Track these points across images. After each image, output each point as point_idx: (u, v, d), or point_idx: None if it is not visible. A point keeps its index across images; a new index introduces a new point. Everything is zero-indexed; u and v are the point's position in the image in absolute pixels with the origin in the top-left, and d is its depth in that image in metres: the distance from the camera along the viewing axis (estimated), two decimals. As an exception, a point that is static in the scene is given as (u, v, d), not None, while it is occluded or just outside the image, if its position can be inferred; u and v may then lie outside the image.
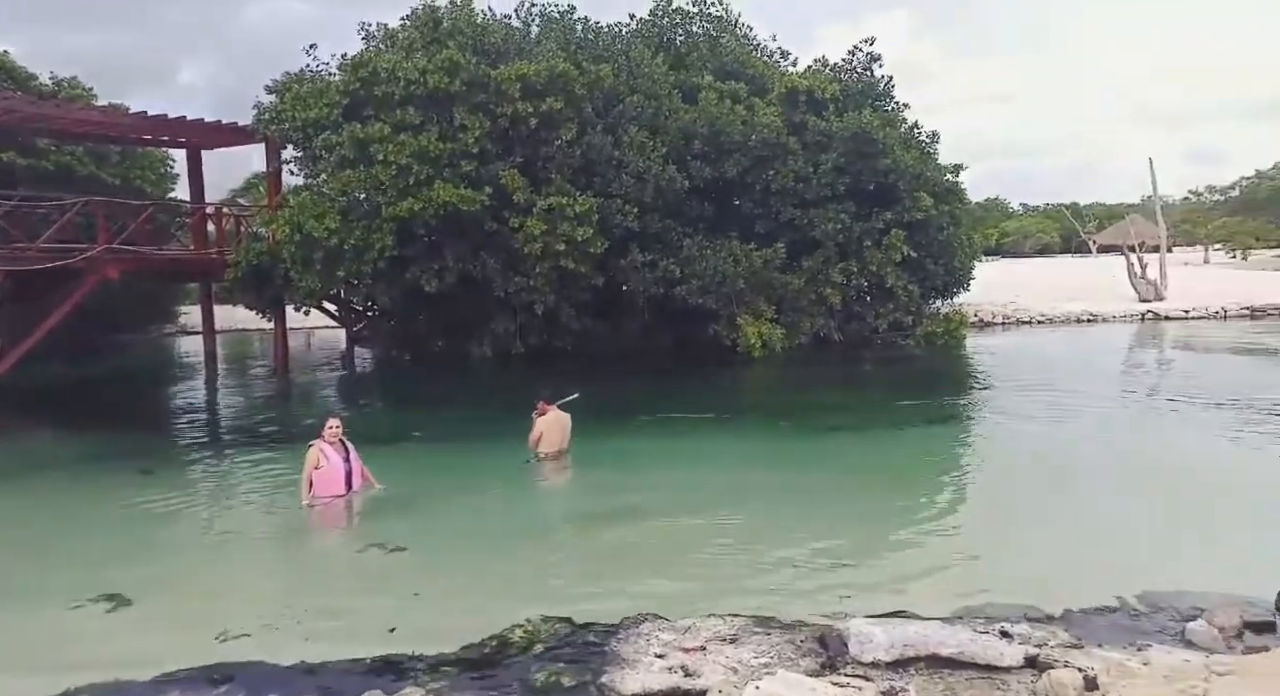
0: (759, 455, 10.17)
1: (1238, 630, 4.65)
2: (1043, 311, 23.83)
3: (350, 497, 7.45)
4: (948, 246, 18.08)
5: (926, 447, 10.47)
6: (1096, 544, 6.65)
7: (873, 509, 7.87)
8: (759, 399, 15.00)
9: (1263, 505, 7.52)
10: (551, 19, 17.80)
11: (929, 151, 17.90)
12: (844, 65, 17.55)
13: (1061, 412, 11.72)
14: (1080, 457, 9.42)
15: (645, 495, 8.19)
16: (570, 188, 14.87)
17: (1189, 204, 64.02)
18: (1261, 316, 22.82)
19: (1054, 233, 74.73)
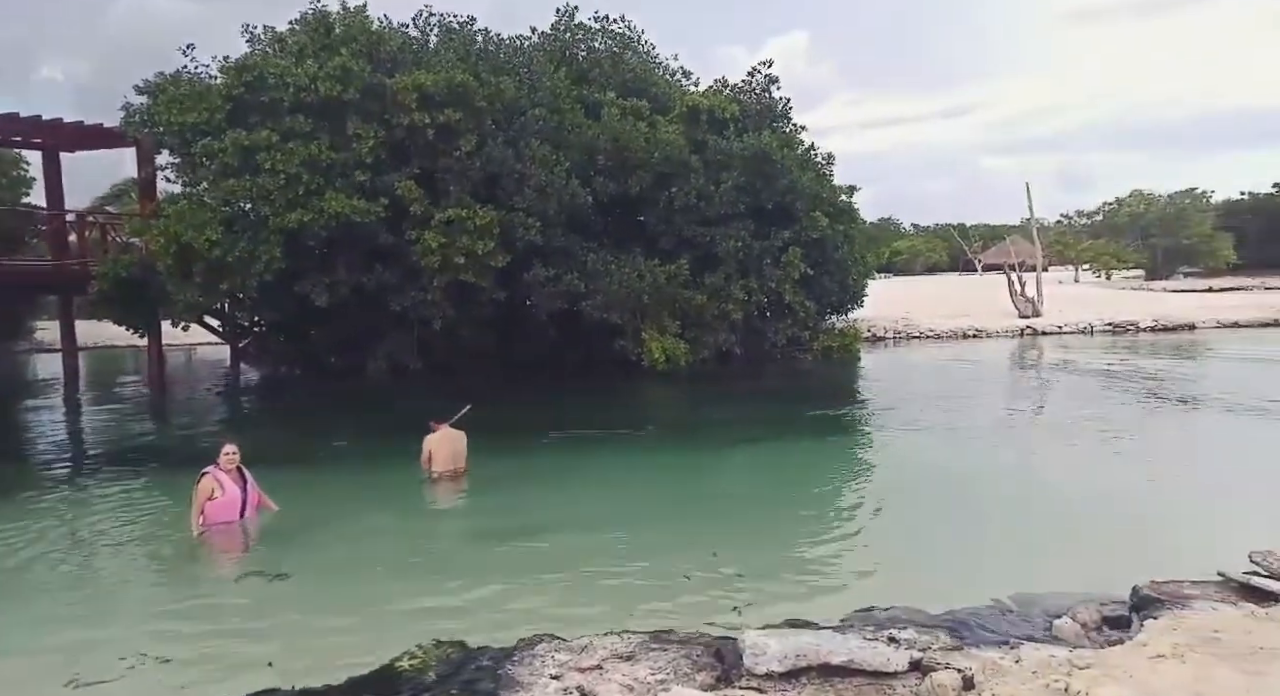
0: (661, 470, 10.21)
1: (1098, 625, 4.94)
2: (931, 327, 25.00)
3: (243, 524, 7.05)
4: (842, 264, 18.73)
5: (821, 460, 10.76)
6: (977, 549, 6.97)
7: (770, 521, 8.02)
8: (663, 414, 15.10)
9: (1119, 510, 8.06)
10: (451, 29, 17.52)
11: (824, 173, 18.54)
12: (743, 86, 18.01)
13: (946, 425, 12.29)
14: (963, 468, 9.86)
15: (544, 514, 8.08)
16: (471, 200, 14.62)
17: (1061, 227, 68.60)
18: (1121, 332, 24.65)
19: (942, 252, 78.92)
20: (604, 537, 7.32)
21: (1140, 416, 12.50)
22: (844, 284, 19.32)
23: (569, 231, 16.11)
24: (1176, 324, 25.03)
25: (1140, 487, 8.83)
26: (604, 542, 7.16)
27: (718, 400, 15.60)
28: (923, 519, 7.94)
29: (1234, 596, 5.11)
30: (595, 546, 7.04)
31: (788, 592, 6.02)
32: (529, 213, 15.16)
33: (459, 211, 14.20)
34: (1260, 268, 55.12)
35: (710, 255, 17.13)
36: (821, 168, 18.35)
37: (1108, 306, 29.83)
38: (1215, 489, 8.73)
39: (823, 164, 18.39)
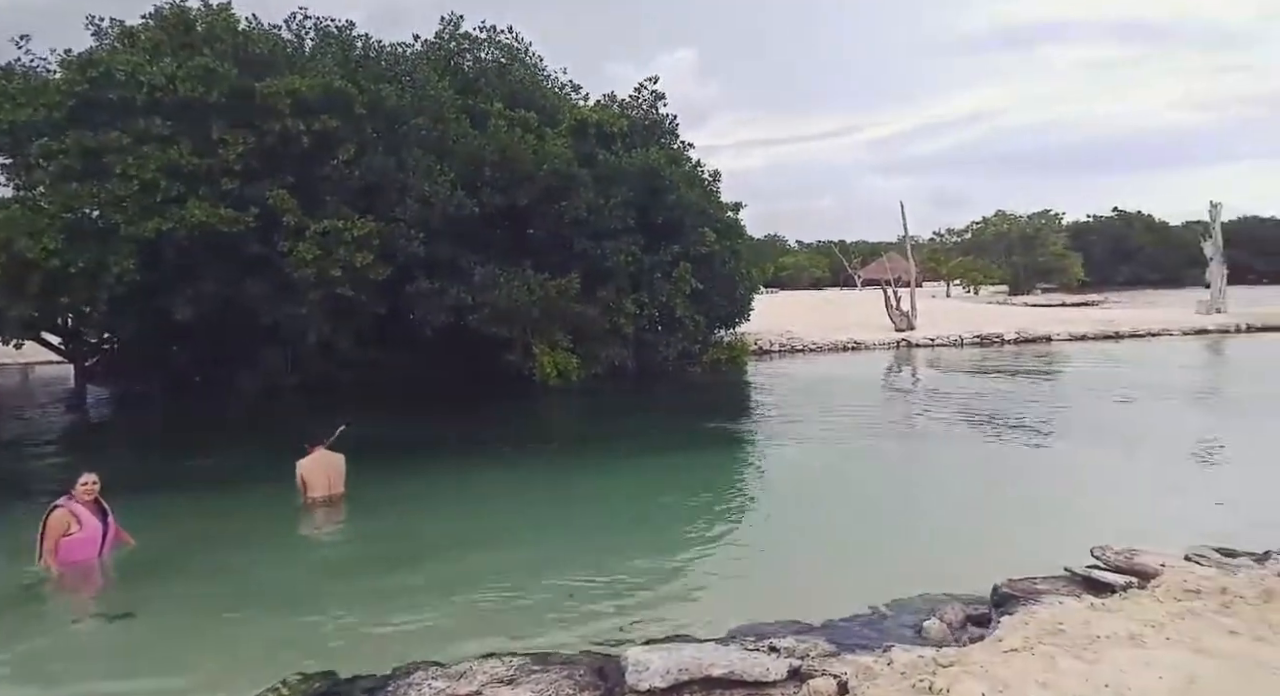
0: (549, 487, 10.08)
1: (963, 623, 5.17)
2: (814, 340, 25.90)
3: (101, 561, 6.44)
4: (730, 279, 19.15)
5: (709, 473, 10.88)
6: (857, 556, 7.18)
7: (658, 536, 8.03)
8: (553, 429, 14.95)
9: (987, 511, 8.54)
10: (328, 34, 16.85)
11: (712, 189, 18.94)
12: (631, 102, 18.19)
13: (828, 435, 12.71)
14: (843, 477, 10.21)
15: (426, 537, 7.83)
16: (349, 211, 14.05)
17: (934, 244, 72.78)
18: (988, 344, 26.31)
19: (825, 267, 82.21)
20: (488, 558, 7.13)
21: (1006, 422, 13.32)
22: (732, 298, 19.75)
23: (454, 243, 15.75)
24: (1035, 336, 26.92)
25: (1006, 489, 9.39)
26: (488, 564, 6.97)
27: (609, 414, 15.58)
28: (805, 529, 8.14)
29: (1078, 589, 5.48)
30: (478, 568, 6.85)
31: (673, 607, 6.02)
32: (411, 224, 14.72)
33: (336, 222, 13.60)
34: (1104, 285, 60.29)
35: (601, 269, 17.15)
36: (708, 184, 18.74)
37: (975, 320, 31.80)
38: (1073, 486, 9.39)
39: (709, 180, 18.79)
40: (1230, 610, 4.56)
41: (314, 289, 13.64)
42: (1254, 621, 4.33)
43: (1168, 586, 5.08)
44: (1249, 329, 27.82)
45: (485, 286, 15.65)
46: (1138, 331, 27.68)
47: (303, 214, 13.66)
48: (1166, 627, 4.37)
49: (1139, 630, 4.37)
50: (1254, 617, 4.38)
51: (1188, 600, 4.77)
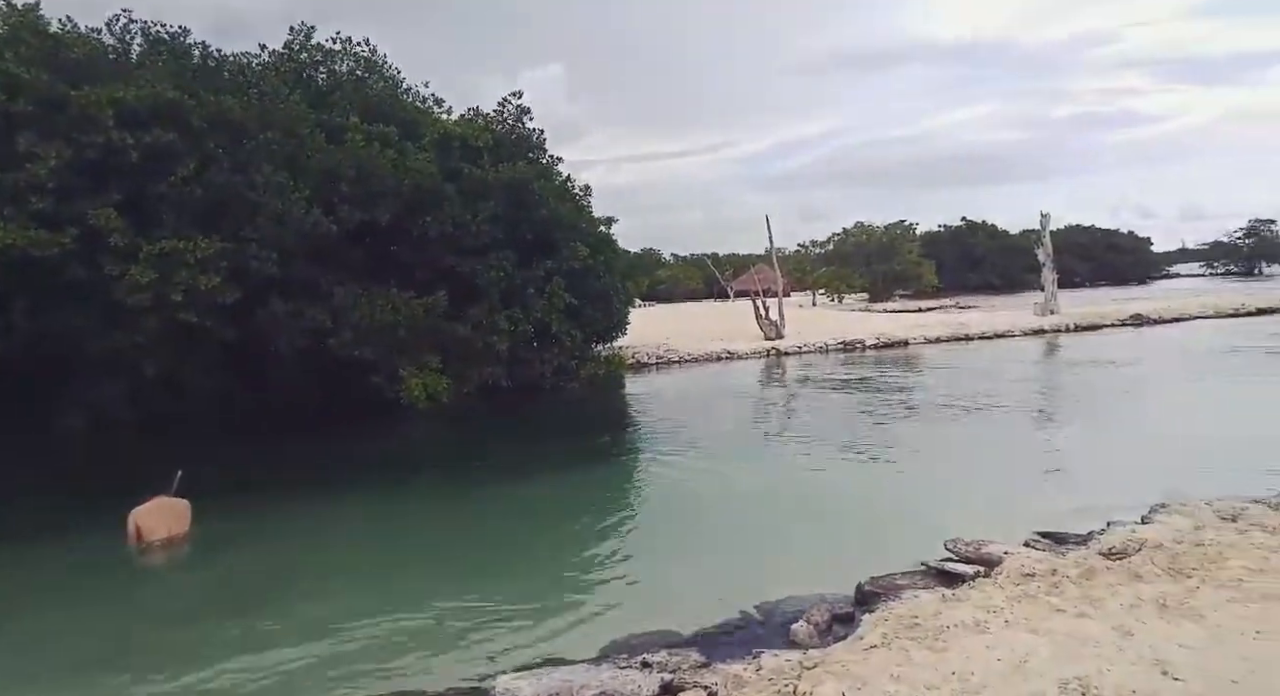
0: (415, 515, 9.74)
1: (828, 624, 5.33)
2: (690, 351, 26.36)
3: None
4: (605, 293, 19.16)
5: (583, 491, 10.85)
6: (727, 565, 7.29)
7: (530, 558, 7.90)
8: (422, 454, 14.50)
9: (855, 511, 8.89)
10: (159, 40, 15.65)
11: (583, 204, 18.92)
12: (496, 116, 17.94)
13: (701, 445, 12.93)
14: (715, 486, 10.39)
15: (280, 575, 7.36)
16: (192, 230, 13.06)
17: (799, 255, 75.96)
18: (852, 349, 27.61)
19: (699, 279, 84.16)
20: (349, 593, 6.77)
21: (869, 423, 13.98)
22: (607, 312, 19.75)
23: (312, 263, 14.95)
24: (894, 341, 28.48)
25: (872, 490, 9.82)
26: (349, 599, 6.62)
27: (482, 435, 15.27)
28: (678, 541, 8.21)
29: (933, 581, 5.77)
30: (339, 605, 6.50)
31: (546, 630, 5.93)
32: (263, 244, 13.86)
33: (176, 242, 12.59)
34: (956, 290, 64.71)
35: (472, 286, 16.74)
36: (580, 199, 18.72)
37: (840, 327, 33.35)
38: (933, 483, 9.94)
39: (581, 195, 18.77)
40: (1059, 590, 4.92)
41: (151, 315, 12.56)
42: (1077, 598, 4.68)
43: (1008, 573, 5.43)
44: (1076, 328, 30.57)
45: (346, 307, 14.94)
46: (985, 333, 29.81)
47: (136, 234, 12.56)
48: (1006, 611, 4.65)
49: (983, 617, 4.63)
50: (1077, 595, 4.73)
51: (1024, 584, 5.11)
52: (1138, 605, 4.49)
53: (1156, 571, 4.98)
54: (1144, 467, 9.67)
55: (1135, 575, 4.96)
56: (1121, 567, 5.17)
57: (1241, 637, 3.94)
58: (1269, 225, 79.61)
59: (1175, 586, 4.67)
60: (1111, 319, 32.08)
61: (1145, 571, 5.00)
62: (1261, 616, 4.15)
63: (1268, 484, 8.06)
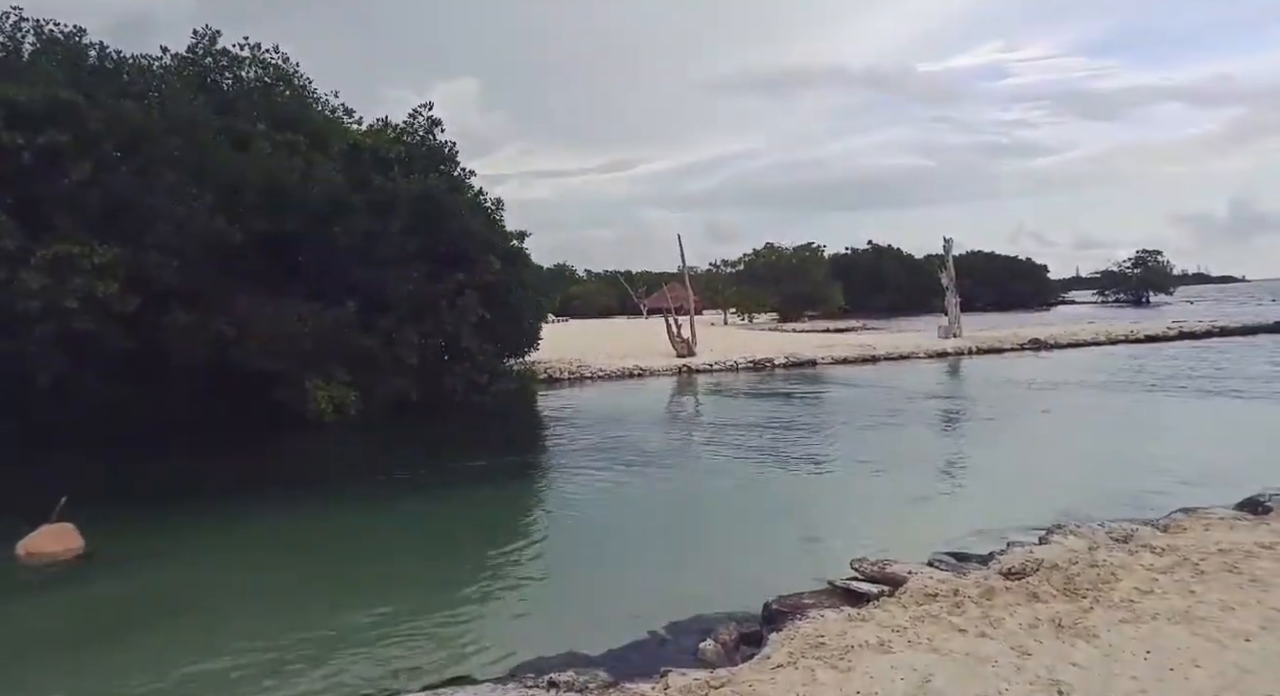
0: (316, 532, 9.36)
1: (736, 643, 5.34)
2: (602, 367, 26.33)
3: None
4: (518, 308, 18.95)
5: (491, 508, 10.67)
6: (636, 582, 7.27)
7: (434, 576, 7.72)
8: (327, 469, 13.95)
9: (762, 532, 8.98)
10: (53, 39, 14.75)
11: (495, 217, 18.72)
12: (407, 127, 17.59)
13: (612, 461, 12.88)
14: (626, 502, 10.38)
15: (171, 596, 6.98)
16: (87, 236, 12.29)
17: (711, 274, 77.21)
18: (761, 368, 28.14)
19: (613, 296, 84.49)
20: (248, 613, 6.46)
21: (779, 442, 14.22)
22: (520, 327, 19.55)
23: (215, 272, 14.27)
24: (803, 360, 29.19)
25: (782, 509, 9.96)
26: (248, 618, 6.31)
27: (390, 450, 14.82)
28: (589, 559, 8.14)
29: (839, 601, 5.86)
30: (237, 625, 6.19)
31: (454, 651, 5.81)
32: (164, 251, 13.16)
33: (71, 247, 11.82)
34: (863, 312, 67.02)
35: (382, 298, 16.30)
36: (492, 212, 18.52)
37: (750, 346, 33.96)
38: (842, 503, 10.17)
39: (493, 208, 18.58)
40: (961, 609, 5.06)
41: (42, 323, 11.72)
42: (978, 618, 4.83)
43: (911, 592, 5.56)
44: (978, 351, 32.04)
45: (250, 318, 14.31)
46: (891, 354, 30.88)
47: (26, 238, 11.73)
48: (909, 631, 4.75)
49: (887, 636, 4.71)
50: (978, 615, 4.88)
51: (927, 604, 5.24)
52: (1035, 625, 4.66)
53: (1053, 591, 5.18)
54: (1043, 488, 10.17)
55: (1033, 595, 5.15)
56: (1020, 588, 5.36)
57: (1132, 658, 4.13)
58: (1155, 256, 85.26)
59: (1070, 606, 4.88)
60: (1011, 343, 33.71)
61: (1042, 591, 5.20)
62: (1151, 637, 4.35)
63: (1156, 504, 8.59)
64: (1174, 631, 4.39)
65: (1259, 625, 4.44)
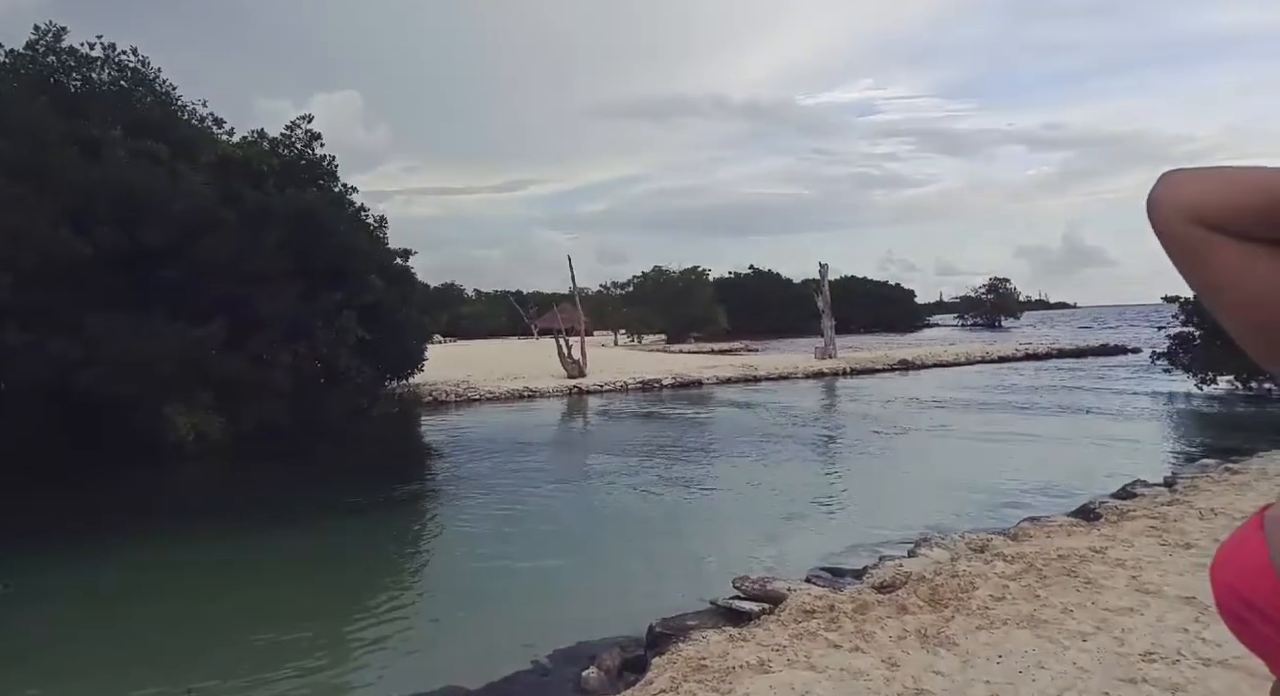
0: (178, 569, 8.68)
1: (619, 670, 5.31)
2: (490, 389, 25.87)
3: None
4: (401, 328, 18.42)
5: (370, 537, 10.25)
6: (517, 610, 7.14)
7: (308, 614, 7.30)
8: (191, 500, 13.01)
9: (646, 553, 9.02)
10: None
11: (378, 235, 18.19)
12: (283, 140, 16.85)
13: (495, 488, 12.64)
14: (507, 530, 10.17)
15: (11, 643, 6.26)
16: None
17: (601, 295, 77.58)
18: (650, 388, 28.43)
19: (503, 316, 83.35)
20: (96, 660, 5.93)
21: (668, 461, 14.36)
22: (403, 348, 19.00)
23: (59, 288, 13.12)
24: (690, 380, 29.69)
25: (667, 531, 10.02)
26: (98, 666, 5.78)
27: (264, 478, 13.98)
28: (468, 589, 7.95)
29: (722, 621, 5.93)
30: (85, 677, 5.63)
31: (327, 690, 5.49)
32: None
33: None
34: (746, 334, 68.94)
35: (253, 317, 15.43)
36: (374, 229, 17.98)
37: (639, 366, 34.28)
38: (730, 519, 10.34)
39: (375, 225, 18.04)
40: (836, 625, 5.23)
41: None
42: (852, 633, 5.00)
43: (790, 609, 5.70)
44: (852, 372, 33.54)
45: (100, 338, 13.21)
46: (771, 374, 31.89)
47: None
48: (788, 649, 4.87)
49: (767, 656, 4.80)
50: (852, 630, 5.06)
51: (805, 621, 5.38)
52: (904, 637, 4.87)
53: (919, 603, 5.44)
54: (913, 501, 10.71)
55: (902, 608, 5.39)
56: (890, 600, 5.60)
57: (986, 662, 4.39)
58: (1004, 283, 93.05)
59: (934, 616, 5.13)
60: (882, 363, 35.53)
61: (910, 603, 5.44)
62: (1002, 641, 4.65)
63: (1008, 514, 9.22)
64: (1022, 635, 4.70)
65: (1094, 626, 4.82)
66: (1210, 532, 6.81)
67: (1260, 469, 9.68)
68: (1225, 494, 8.41)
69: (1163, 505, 8.18)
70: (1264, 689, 2.86)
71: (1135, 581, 5.60)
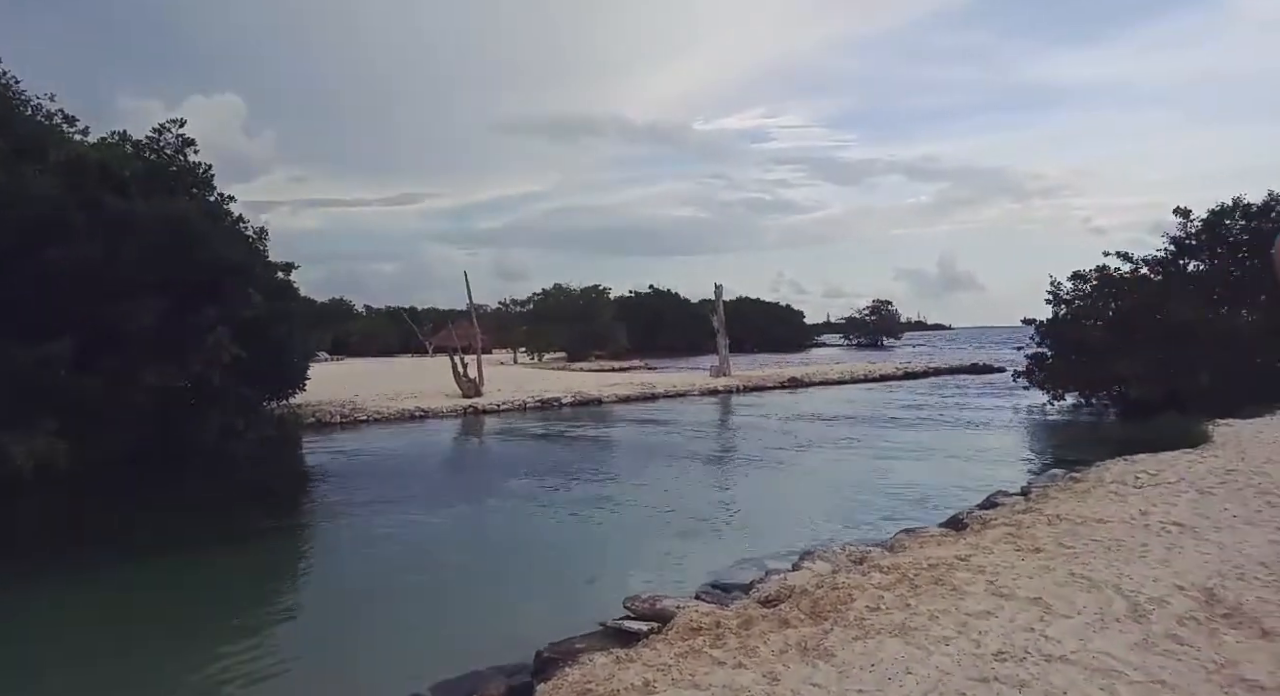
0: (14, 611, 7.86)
1: (503, 700, 5.12)
2: (379, 409, 24.92)
3: None
4: (282, 345, 17.47)
5: (243, 569, 9.64)
6: (401, 640, 6.83)
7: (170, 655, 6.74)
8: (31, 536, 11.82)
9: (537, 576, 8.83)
10: None
11: (258, 247, 17.25)
12: (150, 143, 15.74)
13: (383, 512, 12.14)
14: (392, 557, 9.78)
15: None
16: None
17: (501, 312, 76.62)
18: (549, 407, 28.11)
19: (395, 333, 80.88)
20: None
21: (563, 480, 14.16)
22: (284, 366, 18.03)
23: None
24: (589, 398, 29.57)
25: (565, 545, 9.87)
26: None
27: (124, 509, 12.86)
28: (356, 619, 7.60)
29: (611, 642, 5.81)
30: None
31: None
32: None
33: None
34: (645, 352, 69.45)
35: (111, 333, 14.24)
36: (254, 241, 17.04)
37: (538, 384, 33.93)
38: (624, 537, 10.24)
39: (255, 237, 17.11)
40: (722, 641, 5.21)
41: None
42: (736, 649, 4.99)
43: (678, 628, 5.64)
44: (745, 389, 34.31)
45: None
46: (669, 392, 32.22)
47: None
48: (673, 669, 4.80)
49: (652, 676, 4.72)
50: (736, 646, 5.05)
51: (692, 638, 5.34)
52: (785, 650, 4.89)
53: (801, 616, 5.50)
54: (801, 515, 10.94)
55: (784, 621, 5.42)
56: (774, 614, 5.63)
57: (860, 672, 4.46)
58: (887, 305, 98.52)
59: (814, 629, 5.19)
60: (773, 381, 36.58)
61: (792, 617, 5.49)
62: (875, 650, 4.74)
63: (886, 527, 9.55)
64: (893, 643, 4.82)
65: (956, 630, 5.01)
66: (1055, 537, 7.28)
67: (1098, 477, 10.46)
68: (1069, 501, 9.01)
69: (1019, 513, 8.66)
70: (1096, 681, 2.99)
71: (992, 586, 5.88)
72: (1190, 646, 4.63)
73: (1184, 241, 23.89)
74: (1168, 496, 8.98)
